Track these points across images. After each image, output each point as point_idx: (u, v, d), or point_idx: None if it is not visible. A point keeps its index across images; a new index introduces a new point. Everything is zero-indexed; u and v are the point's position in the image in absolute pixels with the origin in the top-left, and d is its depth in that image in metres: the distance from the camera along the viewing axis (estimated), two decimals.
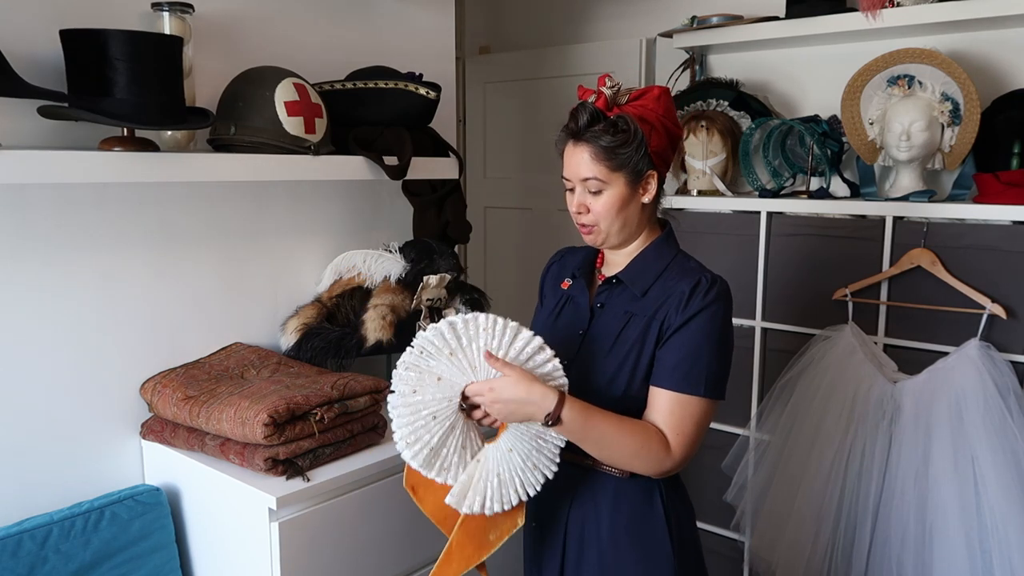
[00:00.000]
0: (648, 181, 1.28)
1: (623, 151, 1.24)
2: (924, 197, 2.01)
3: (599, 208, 1.28)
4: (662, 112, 1.26)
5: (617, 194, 1.27)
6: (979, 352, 1.85)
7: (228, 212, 1.74)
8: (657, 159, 1.27)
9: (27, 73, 1.31)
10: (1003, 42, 2.13)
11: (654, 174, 1.28)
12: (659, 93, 1.28)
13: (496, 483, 1.20)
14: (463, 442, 1.20)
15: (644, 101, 1.26)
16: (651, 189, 1.29)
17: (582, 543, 1.32)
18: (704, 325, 1.24)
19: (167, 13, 1.51)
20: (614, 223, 1.29)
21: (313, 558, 1.42)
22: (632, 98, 1.27)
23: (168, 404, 1.50)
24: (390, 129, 1.77)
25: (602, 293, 1.35)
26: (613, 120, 1.24)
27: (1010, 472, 1.76)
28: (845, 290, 2.08)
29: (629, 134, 1.24)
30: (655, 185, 1.29)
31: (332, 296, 1.85)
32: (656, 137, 1.25)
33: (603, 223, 1.29)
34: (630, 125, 1.24)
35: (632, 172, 1.26)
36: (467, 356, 1.18)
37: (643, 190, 1.28)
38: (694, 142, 2.42)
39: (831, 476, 1.98)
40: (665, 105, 1.27)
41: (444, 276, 1.81)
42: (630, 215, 1.29)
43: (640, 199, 1.29)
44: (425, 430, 1.17)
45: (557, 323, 1.39)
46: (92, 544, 1.44)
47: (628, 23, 2.90)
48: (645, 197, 1.29)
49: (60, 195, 1.46)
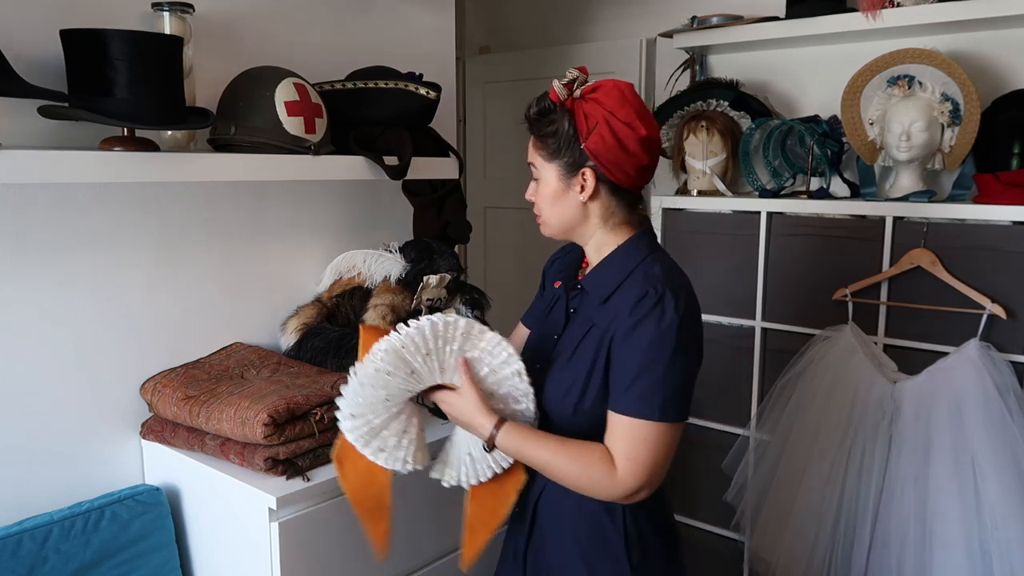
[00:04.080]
0: (584, 177, 1.22)
1: (552, 141, 1.23)
2: (924, 197, 2.01)
3: (538, 197, 1.29)
4: (610, 108, 1.19)
5: (550, 185, 1.26)
6: (979, 352, 1.85)
7: (228, 212, 1.74)
8: (598, 158, 1.20)
9: (27, 73, 1.31)
10: (1003, 42, 2.13)
11: (589, 172, 1.22)
12: (611, 87, 1.21)
13: (469, 460, 1.27)
14: (405, 428, 1.23)
15: (596, 95, 1.21)
16: (588, 186, 1.22)
17: (544, 531, 1.31)
18: (652, 343, 1.16)
19: (167, 13, 1.51)
20: (552, 215, 1.28)
21: (313, 558, 1.42)
22: (586, 92, 1.22)
23: (168, 404, 1.50)
24: (390, 129, 1.77)
25: (575, 298, 1.32)
26: (547, 112, 1.23)
27: (1010, 472, 1.76)
28: (845, 290, 2.08)
29: (555, 125, 1.22)
30: (592, 183, 1.22)
31: (332, 296, 1.85)
32: (597, 135, 1.19)
33: (543, 213, 1.29)
34: (557, 117, 1.22)
35: (565, 165, 1.23)
36: (439, 358, 1.21)
37: (580, 187, 1.23)
38: (694, 142, 2.43)
39: (831, 476, 1.98)
40: (615, 100, 1.20)
41: (444, 276, 1.81)
42: (567, 210, 1.26)
43: (575, 195, 1.24)
44: (372, 410, 1.20)
45: (545, 323, 1.38)
46: (92, 544, 1.44)
47: (628, 23, 2.90)
48: (582, 195, 1.23)
49: (60, 195, 1.46)
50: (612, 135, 1.19)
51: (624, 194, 1.26)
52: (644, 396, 1.16)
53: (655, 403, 1.15)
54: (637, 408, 1.16)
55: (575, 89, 1.22)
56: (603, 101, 1.20)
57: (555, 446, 1.20)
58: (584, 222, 1.27)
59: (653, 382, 1.16)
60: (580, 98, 1.22)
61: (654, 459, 1.17)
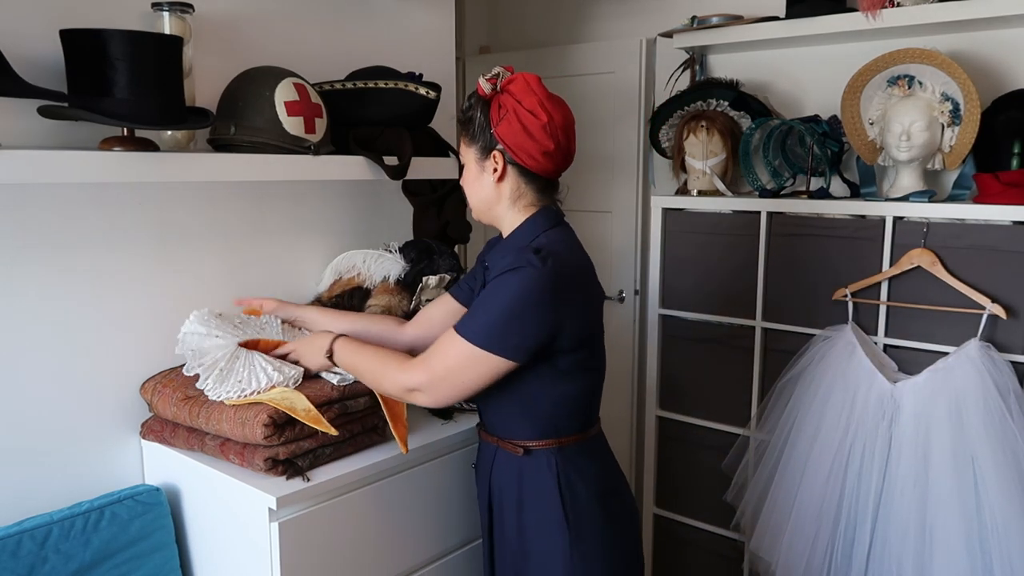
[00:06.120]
0: (495, 159, 1.37)
1: (470, 128, 1.40)
2: (924, 197, 2.01)
3: (463, 181, 1.46)
4: (518, 97, 1.34)
5: (470, 168, 1.43)
6: (979, 352, 1.85)
7: (228, 212, 1.74)
8: (506, 142, 1.35)
9: (27, 73, 1.31)
10: (1003, 42, 2.13)
11: (498, 154, 1.37)
12: (519, 79, 1.36)
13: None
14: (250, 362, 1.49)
15: (509, 87, 1.36)
16: (498, 167, 1.37)
17: (502, 506, 1.46)
18: (501, 285, 1.30)
19: (167, 13, 1.51)
20: (472, 195, 1.45)
21: (313, 558, 1.42)
22: (503, 85, 1.37)
23: (168, 404, 1.50)
24: (390, 129, 1.77)
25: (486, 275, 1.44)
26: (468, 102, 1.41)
27: (1010, 472, 1.76)
28: (845, 290, 2.08)
29: (472, 113, 1.39)
30: (501, 164, 1.37)
31: (332, 296, 1.85)
32: (506, 122, 1.34)
33: (468, 196, 1.46)
34: (475, 108, 1.39)
35: (480, 149, 1.40)
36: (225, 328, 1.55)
37: (493, 169, 1.38)
38: (694, 142, 2.43)
39: (831, 476, 1.98)
40: (521, 90, 1.34)
41: (444, 276, 1.81)
42: (483, 190, 1.42)
43: (488, 176, 1.40)
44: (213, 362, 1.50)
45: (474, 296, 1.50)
46: (92, 544, 1.44)
47: (628, 23, 2.90)
48: (493, 176, 1.39)
49: (60, 195, 1.46)
50: (518, 121, 1.34)
51: (534, 178, 1.40)
52: (473, 322, 1.31)
53: (479, 330, 1.29)
54: (463, 328, 1.31)
55: (497, 84, 1.36)
56: (513, 92, 1.35)
57: (367, 350, 1.43)
58: (498, 203, 1.42)
59: (489, 315, 1.30)
60: (500, 92, 1.37)
61: (448, 372, 1.32)
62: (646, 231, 2.89)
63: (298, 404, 1.40)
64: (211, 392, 1.45)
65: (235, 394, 1.43)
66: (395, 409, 1.51)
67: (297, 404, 1.40)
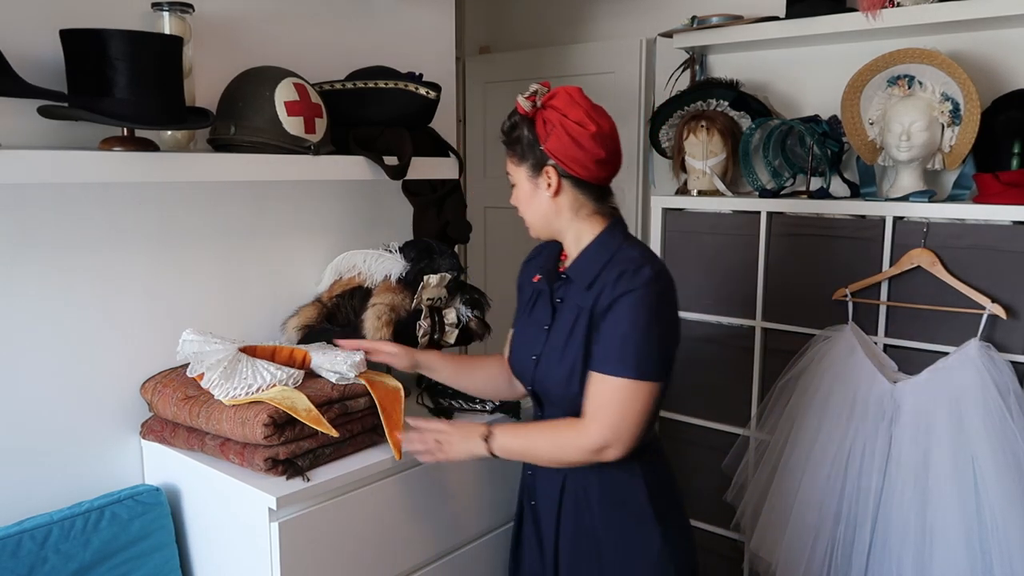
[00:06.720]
0: (548, 175, 1.37)
1: (516, 148, 1.40)
2: (924, 197, 2.01)
3: (517, 201, 1.45)
4: (563, 111, 1.34)
5: (523, 187, 1.42)
6: (979, 352, 1.85)
7: (228, 212, 1.74)
8: (557, 156, 1.35)
9: (27, 73, 1.31)
10: (1003, 42, 2.13)
11: (551, 170, 1.37)
12: (562, 93, 1.36)
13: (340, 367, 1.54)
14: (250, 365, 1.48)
15: (552, 102, 1.36)
16: (552, 182, 1.37)
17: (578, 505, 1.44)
18: (628, 310, 1.30)
19: (167, 13, 1.51)
20: (529, 214, 1.44)
21: (313, 558, 1.42)
22: (545, 101, 1.37)
23: (168, 404, 1.50)
24: (390, 129, 1.77)
25: (559, 288, 1.45)
26: (516, 123, 1.40)
27: (1010, 472, 1.76)
28: (845, 290, 2.08)
29: (518, 133, 1.39)
30: (555, 179, 1.37)
31: (332, 296, 1.85)
32: (554, 136, 1.34)
33: (524, 215, 1.45)
34: (520, 126, 1.38)
35: (530, 167, 1.39)
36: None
37: (547, 184, 1.38)
38: (694, 142, 2.42)
39: (831, 476, 1.98)
40: (566, 103, 1.35)
41: (444, 276, 1.81)
42: (541, 207, 1.41)
43: (544, 192, 1.39)
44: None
45: (531, 316, 1.50)
46: (92, 544, 1.44)
47: (628, 23, 2.90)
48: (549, 191, 1.38)
49: (60, 195, 1.46)
50: (566, 134, 1.34)
51: (589, 187, 1.40)
52: (621, 357, 1.30)
53: (629, 362, 1.29)
54: (613, 367, 1.30)
55: (537, 100, 1.37)
56: (557, 106, 1.35)
57: (532, 433, 1.40)
58: (558, 217, 1.41)
59: (630, 344, 1.30)
60: (541, 108, 1.37)
61: (622, 416, 1.30)
62: (646, 231, 2.88)
63: (299, 404, 1.40)
64: (217, 390, 1.45)
65: (241, 392, 1.43)
66: (392, 415, 1.51)
67: (298, 404, 1.40)
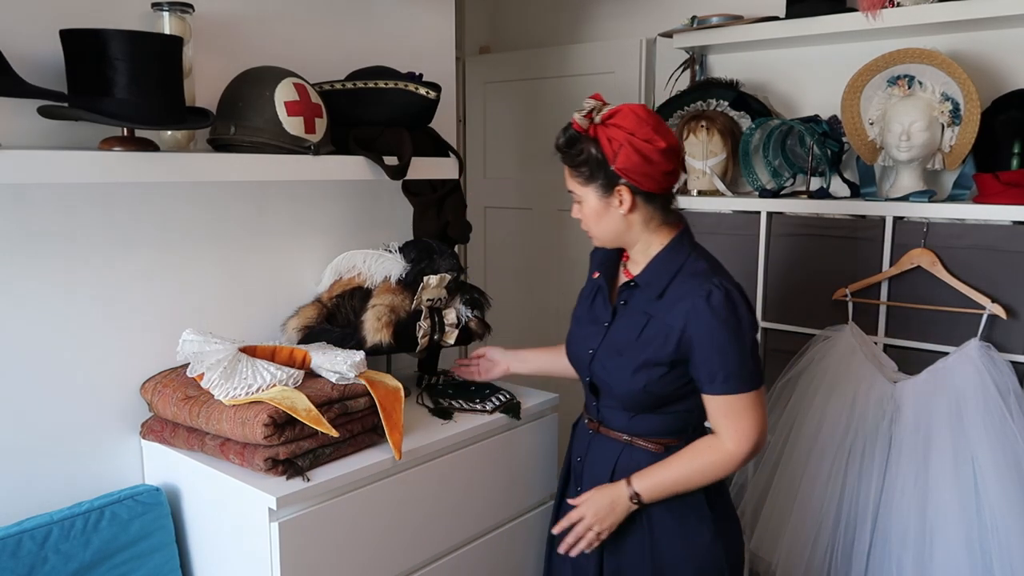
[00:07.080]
0: (620, 194, 1.39)
1: (584, 169, 1.40)
2: (924, 197, 2.01)
3: (583, 216, 1.46)
4: (630, 130, 1.35)
5: (591, 205, 1.43)
6: (979, 352, 1.85)
7: (228, 212, 1.74)
8: (628, 175, 1.36)
9: (27, 73, 1.31)
10: (1003, 42, 2.13)
11: (623, 188, 1.38)
12: (627, 111, 1.37)
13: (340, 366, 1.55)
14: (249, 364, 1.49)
15: (615, 120, 1.36)
16: (625, 201, 1.39)
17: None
18: (725, 331, 1.36)
19: (167, 13, 1.51)
20: (599, 230, 1.46)
21: (313, 558, 1.42)
22: (605, 117, 1.37)
23: (168, 404, 1.50)
24: (390, 129, 1.77)
25: (624, 292, 1.49)
26: (574, 141, 1.40)
27: (1010, 472, 1.76)
28: (845, 290, 2.08)
29: (584, 154, 1.39)
30: (628, 197, 1.39)
31: (332, 296, 1.85)
32: (623, 155, 1.35)
33: (592, 229, 1.47)
34: (584, 147, 1.38)
35: (600, 187, 1.40)
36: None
37: (619, 202, 1.40)
38: (694, 142, 2.42)
39: (831, 476, 1.98)
40: (632, 123, 1.35)
41: (444, 276, 1.81)
42: (612, 223, 1.43)
43: (616, 210, 1.41)
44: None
45: (592, 309, 1.56)
46: (92, 544, 1.44)
47: (628, 23, 2.90)
48: (621, 208, 1.40)
49: (60, 195, 1.46)
50: (636, 153, 1.35)
51: (658, 199, 1.43)
52: (736, 375, 1.37)
53: (744, 377, 1.37)
54: (733, 386, 1.37)
55: (595, 117, 1.37)
56: (623, 125, 1.35)
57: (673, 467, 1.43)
58: (629, 231, 1.44)
59: (738, 361, 1.36)
60: (601, 124, 1.37)
61: (754, 422, 1.39)
62: None
63: (299, 404, 1.40)
64: (217, 389, 1.45)
65: (242, 391, 1.44)
66: (392, 415, 1.52)
67: (298, 404, 1.40)
